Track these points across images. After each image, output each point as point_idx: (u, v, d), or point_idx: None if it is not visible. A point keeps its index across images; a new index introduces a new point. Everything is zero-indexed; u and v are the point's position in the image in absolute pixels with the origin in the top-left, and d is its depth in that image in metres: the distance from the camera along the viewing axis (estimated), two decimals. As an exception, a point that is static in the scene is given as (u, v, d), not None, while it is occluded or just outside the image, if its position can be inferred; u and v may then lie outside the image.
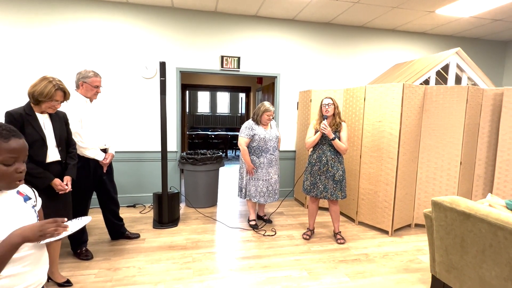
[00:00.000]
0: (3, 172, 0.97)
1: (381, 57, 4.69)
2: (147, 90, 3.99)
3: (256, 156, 3.29)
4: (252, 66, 4.28)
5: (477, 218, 1.72)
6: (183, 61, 4.06)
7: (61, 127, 2.21)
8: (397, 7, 3.74)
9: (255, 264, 2.60)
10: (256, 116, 3.30)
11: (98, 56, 3.81)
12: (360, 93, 3.46)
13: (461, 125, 3.22)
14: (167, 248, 2.86)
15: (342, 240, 3.05)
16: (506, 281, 1.63)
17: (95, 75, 2.58)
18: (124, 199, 4.01)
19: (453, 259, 1.94)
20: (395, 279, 2.43)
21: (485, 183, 3.49)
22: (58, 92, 2.04)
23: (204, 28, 4.06)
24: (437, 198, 1.99)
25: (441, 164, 3.33)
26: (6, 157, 0.96)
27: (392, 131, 3.14)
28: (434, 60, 3.62)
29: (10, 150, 0.97)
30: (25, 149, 1.02)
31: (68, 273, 2.38)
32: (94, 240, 2.97)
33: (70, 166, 2.25)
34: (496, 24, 4.29)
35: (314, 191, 2.99)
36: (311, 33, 4.41)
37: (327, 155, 2.95)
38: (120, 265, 2.53)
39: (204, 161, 3.94)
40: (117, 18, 3.81)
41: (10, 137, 0.98)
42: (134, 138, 4.02)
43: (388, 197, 3.21)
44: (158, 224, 3.36)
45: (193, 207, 4.04)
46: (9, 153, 0.97)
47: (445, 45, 4.89)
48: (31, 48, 3.61)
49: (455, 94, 3.22)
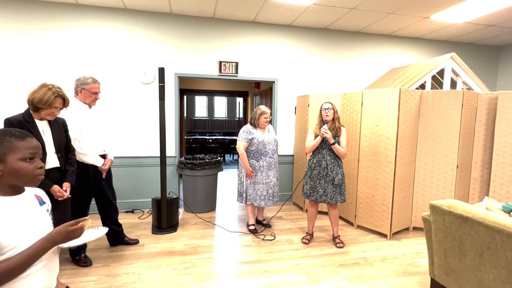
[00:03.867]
0: (25, 168, 1.02)
1: (378, 62, 4.75)
2: (145, 96, 4.00)
3: (256, 159, 3.31)
4: (250, 71, 4.31)
5: (475, 221, 1.75)
6: (181, 66, 4.08)
7: (60, 133, 2.21)
8: (393, 13, 3.79)
9: (255, 269, 2.60)
10: (253, 120, 3.33)
11: (97, 62, 3.82)
12: (357, 97, 3.50)
13: (457, 128, 3.27)
14: (167, 254, 2.85)
15: (341, 244, 3.06)
16: (504, 283, 1.65)
17: (94, 81, 2.59)
18: (122, 205, 4.00)
19: (452, 262, 1.96)
20: (394, 282, 2.44)
21: (481, 186, 3.52)
22: (57, 99, 2.05)
23: (202, 33, 4.09)
24: (435, 201, 2.01)
25: (438, 168, 3.36)
26: (26, 154, 1.02)
27: (389, 135, 3.17)
28: (429, 65, 3.67)
29: (27, 147, 1.03)
30: (40, 148, 1.09)
31: (68, 280, 2.37)
32: (93, 246, 2.95)
33: (69, 172, 2.25)
34: (490, 30, 4.37)
35: (314, 195, 3.01)
36: (309, 39, 4.45)
37: (327, 159, 2.97)
38: (120, 271, 2.52)
39: (202, 166, 3.94)
40: (116, 24, 3.82)
41: (25, 137, 1.04)
42: (133, 143, 4.02)
43: (386, 200, 3.23)
44: (157, 230, 3.35)
45: (192, 212, 4.04)
46: (27, 149, 1.03)
47: (440, 50, 4.96)
48: (30, 55, 3.62)
49: (451, 99, 3.27)
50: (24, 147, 1.02)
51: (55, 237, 0.99)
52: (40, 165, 1.06)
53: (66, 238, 1.00)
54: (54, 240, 0.99)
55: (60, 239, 1.00)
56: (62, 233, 1.00)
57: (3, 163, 1.00)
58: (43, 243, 0.98)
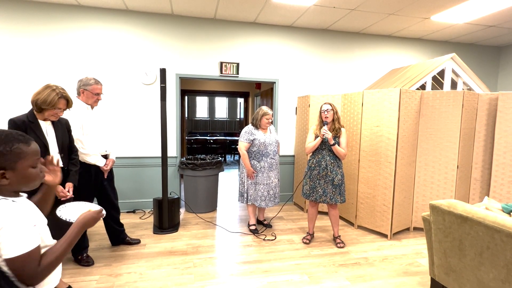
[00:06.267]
0: (33, 175, 1.04)
1: (378, 63, 4.76)
2: (147, 96, 4.02)
3: (257, 160, 3.32)
4: (251, 71, 4.32)
5: (474, 221, 1.76)
6: (182, 67, 4.10)
7: (63, 134, 2.23)
8: (393, 14, 3.81)
9: (256, 269, 2.62)
10: (255, 120, 3.34)
11: (99, 63, 3.84)
12: (357, 98, 3.51)
13: (458, 129, 3.27)
14: (168, 254, 2.87)
15: (342, 244, 3.08)
16: (503, 283, 1.66)
17: (96, 82, 2.61)
18: (124, 205, 4.01)
19: (452, 262, 1.97)
20: (395, 282, 2.45)
21: (482, 186, 3.53)
22: (61, 100, 2.07)
23: (203, 34, 4.11)
24: (435, 201, 2.03)
25: (438, 168, 3.37)
26: (34, 160, 1.04)
27: (390, 135, 3.18)
28: (430, 66, 3.68)
29: (34, 153, 1.04)
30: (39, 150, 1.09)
31: (70, 279, 2.39)
32: (95, 246, 2.97)
33: (72, 172, 2.27)
34: (490, 30, 4.38)
35: (314, 195, 3.02)
36: (309, 39, 4.47)
37: (327, 159, 2.98)
38: (122, 271, 2.54)
39: (203, 166, 3.96)
40: (118, 25, 3.85)
41: (29, 141, 1.04)
42: (134, 143, 4.04)
43: (386, 201, 3.24)
44: (158, 230, 3.37)
45: (193, 212, 4.05)
46: (35, 155, 1.04)
47: (440, 50, 4.97)
48: (33, 56, 3.64)
49: (451, 99, 3.28)
50: (32, 153, 1.03)
51: (88, 222, 1.11)
52: (43, 169, 1.09)
53: (94, 222, 1.13)
54: (86, 224, 1.11)
55: (91, 223, 1.12)
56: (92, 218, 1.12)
57: (13, 170, 0.99)
58: (77, 228, 1.08)
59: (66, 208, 1.34)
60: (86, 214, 1.12)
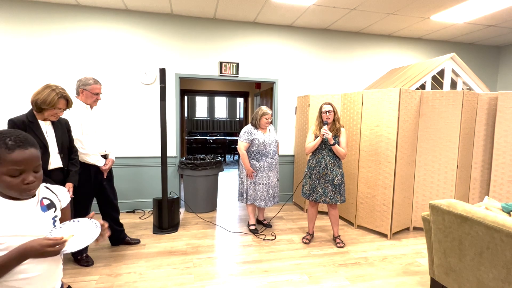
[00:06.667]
0: (8, 183, 0.94)
1: (378, 62, 4.76)
2: (146, 96, 4.02)
3: (256, 160, 3.32)
4: (250, 71, 4.32)
5: (474, 221, 1.76)
6: (182, 67, 4.10)
7: (63, 134, 2.23)
8: (393, 14, 3.80)
9: (256, 269, 2.62)
10: (254, 120, 3.34)
11: (98, 63, 3.83)
12: (357, 98, 3.51)
13: (457, 129, 3.27)
14: (168, 254, 2.87)
15: (342, 244, 3.08)
16: (503, 283, 1.66)
17: (95, 82, 2.61)
18: (123, 205, 4.01)
19: (452, 261, 1.97)
20: (394, 282, 2.45)
21: (481, 186, 3.53)
22: (61, 100, 2.07)
23: (203, 34, 4.11)
24: (435, 201, 2.03)
25: (438, 168, 3.37)
26: (10, 169, 0.94)
27: (390, 135, 3.18)
28: (429, 65, 3.68)
29: (13, 162, 0.93)
30: (33, 159, 0.98)
31: (69, 279, 2.38)
32: (94, 246, 2.97)
33: (72, 173, 2.27)
34: (490, 30, 4.38)
35: (313, 195, 3.02)
36: (309, 39, 4.47)
37: (326, 159, 2.98)
38: (121, 271, 2.54)
39: (203, 166, 3.96)
40: (117, 25, 3.84)
41: (15, 148, 0.94)
42: (134, 143, 4.03)
43: (386, 200, 3.24)
44: (158, 230, 3.36)
45: (192, 212, 4.05)
46: (12, 165, 0.93)
47: (440, 50, 4.97)
48: (33, 56, 3.64)
49: (451, 99, 3.28)
50: (10, 162, 0.93)
51: (27, 251, 0.91)
52: (28, 180, 0.96)
53: (39, 253, 0.91)
54: (24, 254, 0.91)
55: (33, 253, 0.91)
56: (34, 247, 0.91)
57: None
58: (14, 253, 0.91)
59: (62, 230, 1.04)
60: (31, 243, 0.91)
